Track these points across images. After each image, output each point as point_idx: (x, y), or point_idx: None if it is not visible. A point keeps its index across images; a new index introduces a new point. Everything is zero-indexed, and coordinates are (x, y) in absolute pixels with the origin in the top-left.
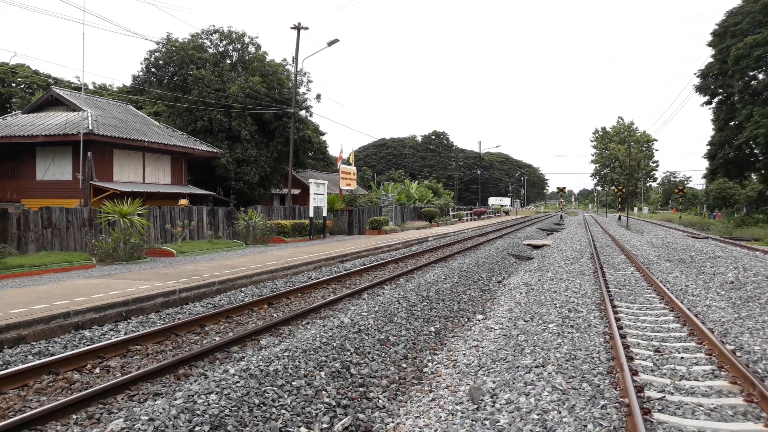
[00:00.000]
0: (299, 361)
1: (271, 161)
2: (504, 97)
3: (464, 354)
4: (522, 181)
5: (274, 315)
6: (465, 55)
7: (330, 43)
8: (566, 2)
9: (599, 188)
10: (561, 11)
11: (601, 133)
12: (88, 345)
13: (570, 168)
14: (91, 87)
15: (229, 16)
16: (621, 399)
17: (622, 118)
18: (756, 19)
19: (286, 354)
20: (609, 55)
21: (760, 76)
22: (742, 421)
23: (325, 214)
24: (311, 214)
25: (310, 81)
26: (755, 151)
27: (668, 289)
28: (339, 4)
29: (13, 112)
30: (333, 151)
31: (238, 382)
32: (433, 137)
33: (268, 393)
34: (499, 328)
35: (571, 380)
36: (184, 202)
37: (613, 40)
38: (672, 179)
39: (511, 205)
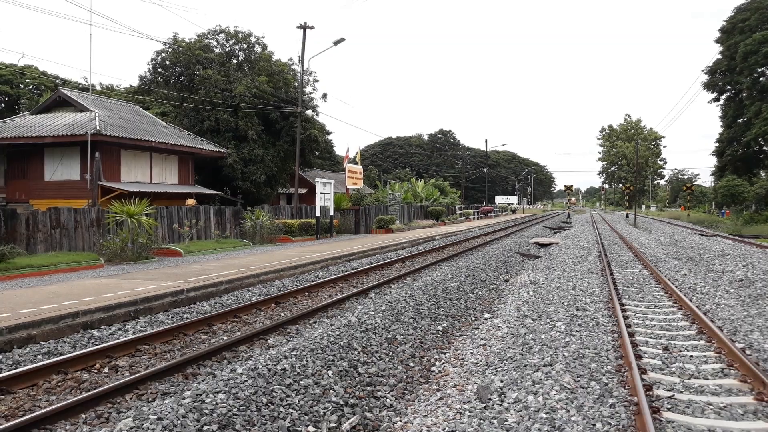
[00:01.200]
0: (307, 360)
1: (278, 161)
2: (510, 95)
3: (472, 353)
4: (529, 180)
5: (282, 314)
6: (471, 54)
7: (336, 43)
8: (571, 1)
9: (606, 186)
10: (566, 9)
11: (608, 131)
12: (96, 345)
13: (577, 166)
14: (98, 88)
15: (235, 16)
16: (630, 398)
17: (629, 116)
18: (764, 15)
19: (293, 353)
20: (615, 52)
21: None
22: (753, 419)
23: (331, 213)
24: (318, 214)
25: (316, 80)
26: (764, 148)
27: (677, 287)
28: (345, 3)
29: (22, 113)
30: (339, 150)
31: (246, 381)
32: (440, 136)
33: (275, 392)
34: (506, 327)
35: (579, 379)
36: (191, 201)
37: (618, 38)
38: (680, 177)
39: (518, 203)
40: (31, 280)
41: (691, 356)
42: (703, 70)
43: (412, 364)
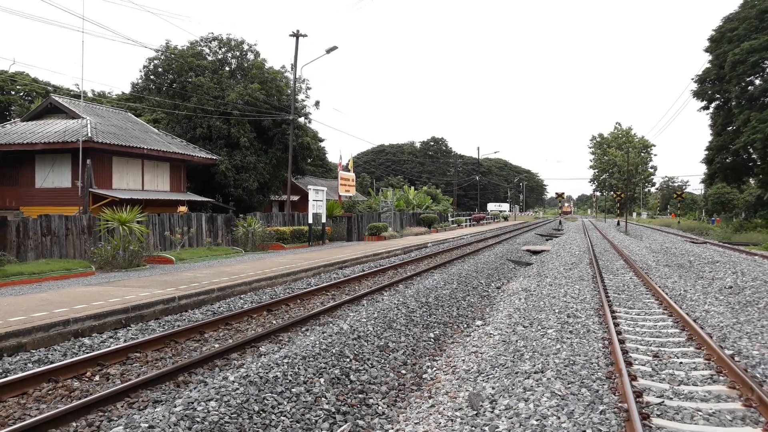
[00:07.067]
0: (298, 368)
1: (270, 168)
2: (502, 103)
3: (463, 360)
4: (521, 187)
5: (274, 322)
6: (463, 62)
7: (329, 50)
8: (563, 10)
9: (598, 193)
10: (558, 18)
11: (598, 140)
12: (87, 352)
13: (568, 173)
14: (90, 94)
15: (228, 23)
16: (620, 404)
17: (619, 124)
18: (752, 24)
19: (285, 361)
20: (606, 60)
21: (757, 82)
22: (741, 425)
23: (324, 220)
24: (310, 221)
25: (308, 88)
26: (753, 156)
27: (667, 294)
28: (335, 11)
29: (13, 120)
30: (332, 157)
31: (237, 389)
32: (432, 143)
33: (267, 400)
34: (498, 334)
35: (570, 386)
36: (183, 209)
37: (609, 46)
38: (670, 184)
39: (510, 210)
40: (22, 288)
41: (681, 363)
42: (692, 79)
43: (404, 372)
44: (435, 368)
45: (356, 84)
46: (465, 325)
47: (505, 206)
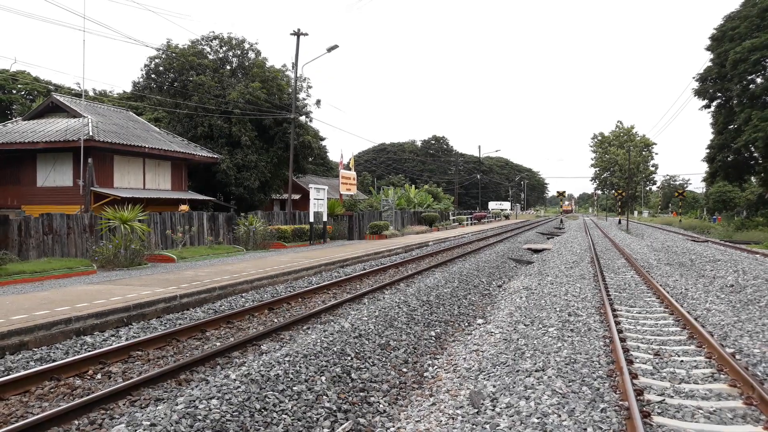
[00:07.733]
0: (300, 366)
1: (272, 167)
2: (503, 101)
3: (465, 358)
4: (522, 186)
5: (275, 320)
6: (465, 60)
7: (329, 49)
8: (565, 9)
9: (599, 192)
10: (560, 18)
11: (600, 138)
12: (89, 351)
13: (569, 172)
14: (91, 93)
15: (229, 22)
16: (621, 402)
17: (621, 123)
18: (754, 23)
19: (286, 359)
20: (607, 59)
21: (759, 80)
22: (742, 423)
23: (325, 219)
24: (311, 219)
25: (309, 86)
26: (754, 154)
27: (668, 292)
28: (336, 10)
29: (14, 119)
30: (333, 156)
31: (239, 387)
32: (433, 142)
33: (269, 398)
34: (499, 333)
35: (570, 384)
36: (184, 207)
37: (611, 46)
38: (671, 183)
39: (511, 209)
40: (24, 287)
41: (682, 361)
42: (694, 77)
43: (405, 370)
44: (436, 366)
45: (357, 83)
46: (466, 324)
47: (507, 205)
